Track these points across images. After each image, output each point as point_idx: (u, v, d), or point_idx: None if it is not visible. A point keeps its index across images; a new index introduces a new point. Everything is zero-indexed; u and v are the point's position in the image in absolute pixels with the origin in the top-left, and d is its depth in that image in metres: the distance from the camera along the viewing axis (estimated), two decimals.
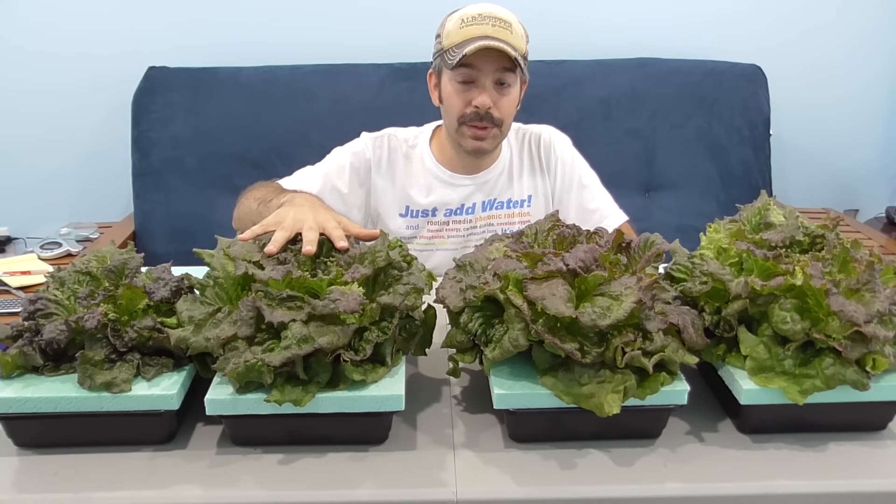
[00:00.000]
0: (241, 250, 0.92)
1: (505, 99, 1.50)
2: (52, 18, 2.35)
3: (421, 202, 1.61)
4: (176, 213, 2.29)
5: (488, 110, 1.49)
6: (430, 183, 1.61)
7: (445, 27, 1.50)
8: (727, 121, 2.37)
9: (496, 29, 1.44)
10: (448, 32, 1.48)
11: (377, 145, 1.63)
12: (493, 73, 1.47)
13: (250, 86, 2.33)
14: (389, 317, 0.86)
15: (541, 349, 0.83)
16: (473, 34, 1.43)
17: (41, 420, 0.82)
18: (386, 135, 1.65)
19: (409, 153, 1.64)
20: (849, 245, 0.92)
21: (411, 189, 1.61)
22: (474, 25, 1.44)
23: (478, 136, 1.52)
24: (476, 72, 1.46)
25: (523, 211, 1.65)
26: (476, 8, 1.48)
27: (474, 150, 1.55)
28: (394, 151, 1.64)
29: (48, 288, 0.91)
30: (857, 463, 0.82)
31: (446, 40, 1.48)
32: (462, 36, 1.45)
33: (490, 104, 1.48)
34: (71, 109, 2.43)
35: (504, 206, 1.64)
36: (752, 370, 0.83)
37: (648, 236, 0.94)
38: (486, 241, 1.00)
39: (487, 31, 1.44)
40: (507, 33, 1.45)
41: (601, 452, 0.83)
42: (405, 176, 1.62)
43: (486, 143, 1.54)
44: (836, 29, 2.49)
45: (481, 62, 1.45)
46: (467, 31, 1.44)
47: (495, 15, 1.46)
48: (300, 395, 0.79)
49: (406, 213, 1.63)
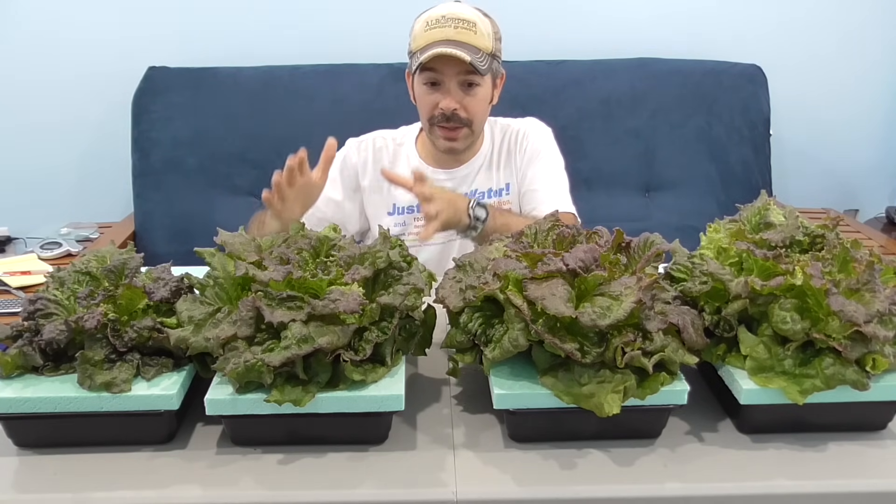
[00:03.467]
0: (241, 246, 0.92)
1: (472, 99, 1.52)
2: (52, 19, 2.36)
3: (405, 199, 1.64)
4: (176, 213, 2.29)
5: (454, 111, 1.51)
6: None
7: (413, 29, 1.52)
8: (727, 121, 2.37)
9: (458, 31, 1.46)
10: (415, 35, 1.51)
11: (361, 149, 1.66)
12: (457, 76, 1.49)
13: (250, 86, 2.33)
14: (389, 317, 0.86)
15: (541, 349, 0.83)
16: (435, 38, 1.46)
17: (41, 420, 0.82)
18: (371, 137, 1.69)
19: (396, 151, 1.67)
20: (849, 245, 0.92)
21: (396, 188, 1.63)
22: (437, 28, 1.46)
23: (448, 136, 1.56)
24: (440, 75, 1.49)
25: (502, 199, 1.68)
26: (441, 10, 1.49)
27: (447, 150, 1.59)
28: (379, 152, 1.66)
29: (48, 288, 0.91)
30: (857, 463, 0.82)
31: (413, 43, 1.51)
32: (426, 39, 1.47)
33: (454, 106, 1.50)
34: (71, 109, 2.44)
35: (484, 195, 1.66)
36: (752, 370, 0.83)
37: (648, 236, 0.94)
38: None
39: (449, 34, 1.45)
40: (470, 34, 1.46)
41: (601, 452, 0.83)
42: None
43: (458, 143, 1.57)
44: (836, 29, 2.49)
45: (443, 66, 1.47)
46: (430, 35, 1.47)
47: (458, 16, 1.47)
48: (300, 395, 0.79)
49: (393, 212, 1.66)
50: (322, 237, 0.96)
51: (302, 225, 1.03)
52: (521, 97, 2.22)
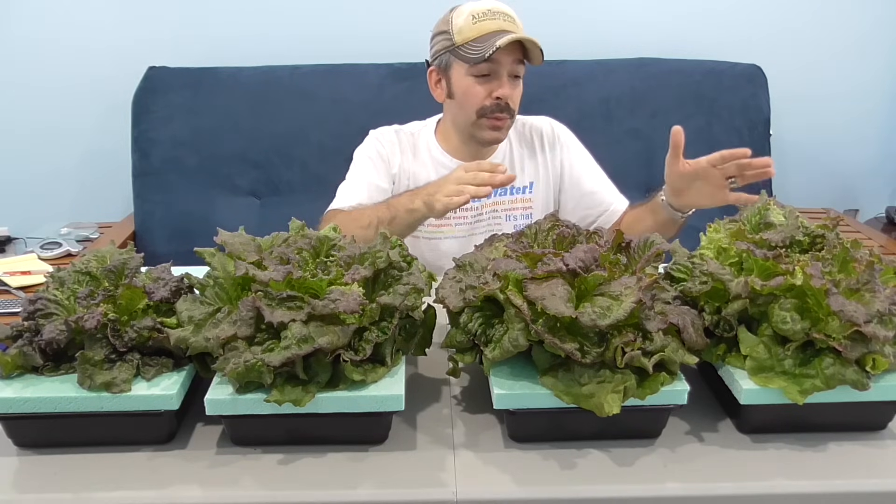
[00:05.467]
0: (241, 246, 0.92)
1: (517, 91, 1.58)
2: (51, 19, 2.36)
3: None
4: (176, 213, 2.29)
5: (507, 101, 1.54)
6: (438, 171, 1.66)
7: (454, 23, 1.53)
8: (727, 121, 2.37)
9: (507, 23, 1.51)
10: (460, 28, 1.52)
11: (388, 139, 1.69)
12: (510, 66, 1.53)
13: (250, 86, 2.33)
14: (389, 317, 0.86)
15: (541, 349, 0.83)
16: (490, 28, 1.49)
17: (41, 420, 0.82)
18: (392, 129, 1.72)
19: (415, 143, 1.70)
20: (849, 245, 0.92)
21: (419, 177, 1.65)
22: (487, 21, 1.50)
23: (496, 126, 1.58)
24: (496, 65, 1.51)
25: (525, 197, 1.70)
26: (483, 4, 1.53)
27: (492, 141, 1.62)
28: (402, 143, 1.69)
29: (48, 288, 0.91)
30: (857, 463, 0.82)
31: (458, 36, 1.52)
32: (478, 31, 1.49)
33: (511, 94, 1.55)
34: (71, 109, 2.44)
35: (508, 192, 1.68)
36: (752, 370, 0.83)
37: (648, 236, 0.94)
38: (486, 240, 1.00)
39: (502, 25, 1.50)
40: (517, 27, 1.51)
41: (601, 452, 0.83)
42: (414, 165, 1.67)
43: (503, 133, 1.61)
44: (836, 29, 2.49)
45: (501, 55, 1.50)
46: (483, 27, 1.49)
47: (503, 10, 1.52)
48: (300, 395, 0.79)
49: None
50: (322, 237, 0.96)
51: (302, 225, 1.03)
52: (521, 97, 2.22)
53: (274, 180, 2.32)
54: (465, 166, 1.37)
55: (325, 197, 1.64)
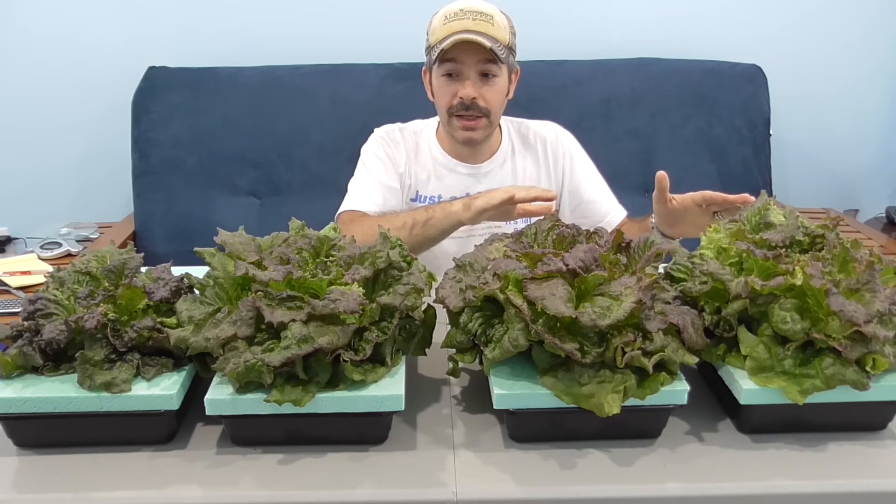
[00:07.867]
0: (241, 246, 0.92)
1: (490, 89, 1.56)
2: (51, 19, 2.36)
3: (428, 189, 1.68)
4: (176, 213, 2.29)
5: (473, 100, 1.55)
6: (437, 171, 1.68)
7: (431, 24, 1.57)
8: (727, 121, 2.37)
9: (477, 22, 1.51)
10: (433, 29, 1.55)
11: (391, 138, 1.70)
12: (476, 65, 1.53)
13: (250, 86, 2.33)
14: (389, 317, 0.86)
15: (541, 349, 0.83)
16: (454, 29, 1.50)
17: (41, 420, 0.82)
18: (396, 127, 1.73)
19: (418, 142, 1.71)
20: (849, 245, 0.91)
21: (420, 176, 1.68)
22: (456, 21, 1.51)
23: (467, 126, 1.59)
24: (459, 65, 1.53)
25: None
26: (458, 4, 1.55)
27: (466, 141, 1.62)
28: (406, 141, 1.71)
29: (48, 288, 0.91)
30: (857, 463, 0.82)
31: (432, 37, 1.55)
32: (445, 32, 1.51)
33: (473, 94, 1.54)
34: (71, 109, 2.44)
35: None
36: (752, 370, 0.83)
37: (648, 236, 0.94)
38: (486, 240, 1.00)
39: (468, 25, 1.50)
40: (488, 26, 1.51)
41: (601, 452, 0.83)
42: (415, 164, 1.69)
43: (476, 133, 1.60)
44: (836, 29, 2.49)
45: (463, 55, 1.51)
46: (449, 27, 1.51)
47: (476, 9, 1.53)
48: (300, 395, 0.79)
49: (416, 199, 1.69)
50: (322, 237, 0.96)
51: (302, 225, 1.03)
52: (522, 97, 2.21)
53: (274, 180, 2.32)
54: (517, 187, 1.46)
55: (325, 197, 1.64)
